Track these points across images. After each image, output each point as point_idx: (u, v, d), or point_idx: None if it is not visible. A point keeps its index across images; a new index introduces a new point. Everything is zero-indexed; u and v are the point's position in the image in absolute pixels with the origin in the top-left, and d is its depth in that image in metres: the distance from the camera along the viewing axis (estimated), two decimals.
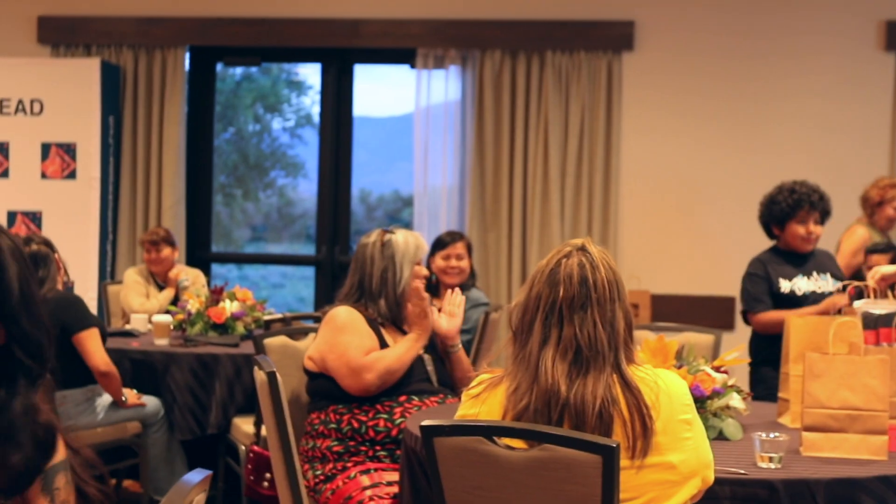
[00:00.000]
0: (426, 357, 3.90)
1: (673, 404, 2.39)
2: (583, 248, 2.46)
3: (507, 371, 2.45)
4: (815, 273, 5.18)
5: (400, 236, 3.89)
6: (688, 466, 2.39)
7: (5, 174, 7.45)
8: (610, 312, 2.40)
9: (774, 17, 7.23)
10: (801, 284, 5.14)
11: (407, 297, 3.87)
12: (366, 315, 3.83)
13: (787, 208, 5.14)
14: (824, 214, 5.18)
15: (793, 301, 5.07)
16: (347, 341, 3.73)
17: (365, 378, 3.68)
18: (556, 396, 2.35)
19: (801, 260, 5.20)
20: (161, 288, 6.49)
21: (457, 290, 4.06)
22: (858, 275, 5.09)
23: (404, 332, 3.91)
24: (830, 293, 4.95)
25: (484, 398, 2.45)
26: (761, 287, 5.17)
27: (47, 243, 4.93)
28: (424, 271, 3.96)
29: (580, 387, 2.35)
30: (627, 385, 2.37)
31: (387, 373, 3.71)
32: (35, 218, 7.44)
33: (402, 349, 3.78)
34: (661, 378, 2.41)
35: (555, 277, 2.41)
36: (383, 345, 3.79)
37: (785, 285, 5.14)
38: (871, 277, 3.88)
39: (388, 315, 3.85)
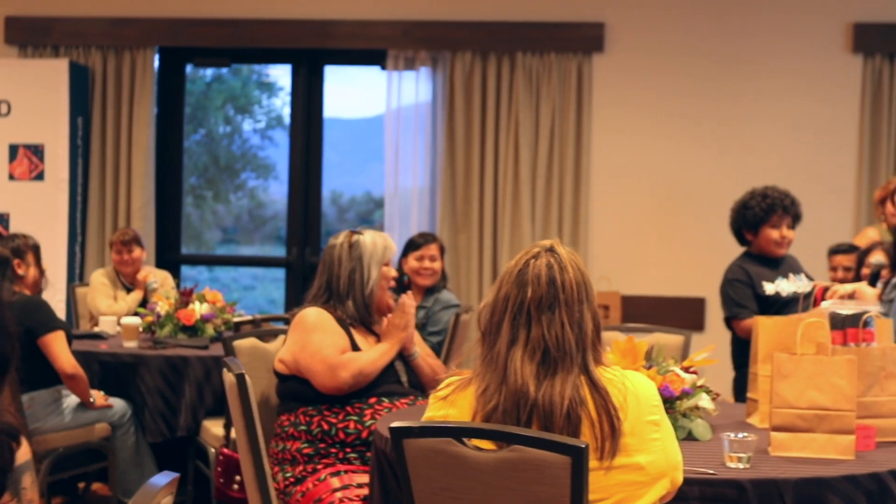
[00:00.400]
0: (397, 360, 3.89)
1: (641, 406, 2.39)
2: (551, 249, 2.46)
3: (476, 372, 2.45)
4: (791, 275, 5.25)
5: (368, 237, 3.89)
6: (656, 467, 2.39)
7: None
8: (578, 313, 2.41)
9: (744, 19, 7.27)
10: (783, 286, 5.20)
11: (375, 298, 3.87)
12: (335, 316, 3.82)
13: (761, 213, 5.20)
14: (796, 219, 5.25)
15: (778, 303, 5.11)
16: (320, 340, 3.72)
17: (340, 375, 3.67)
18: (524, 397, 2.35)
19: (776, 264, 5.26)
20: (129, 290, 6.45)
21: (407, 299, 3.95)
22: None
23: (374, 333, 3.91)
24: (810, 292, 4.97)
25: (452, 400, 2.45)
26: (745, 292, 5.21)
27: (15, 249, 4.90)
28: (393, 272, 3.96)
29: (548, 388, 2.35)
30: (595, 386, 2.37)
31: (360, 373, 3.70)
32: (3, 219, 7.38)
33: (377, 354, 3.78)
34: (628, 379, 2.42)
35: (523, 278, 2.41)
36: (354, 345, 3.78)
37: (769, 287, 5.19)
38: (829, 297, 3.91)
39: (357, 316, 3.85)
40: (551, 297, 2.40)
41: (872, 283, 4.19)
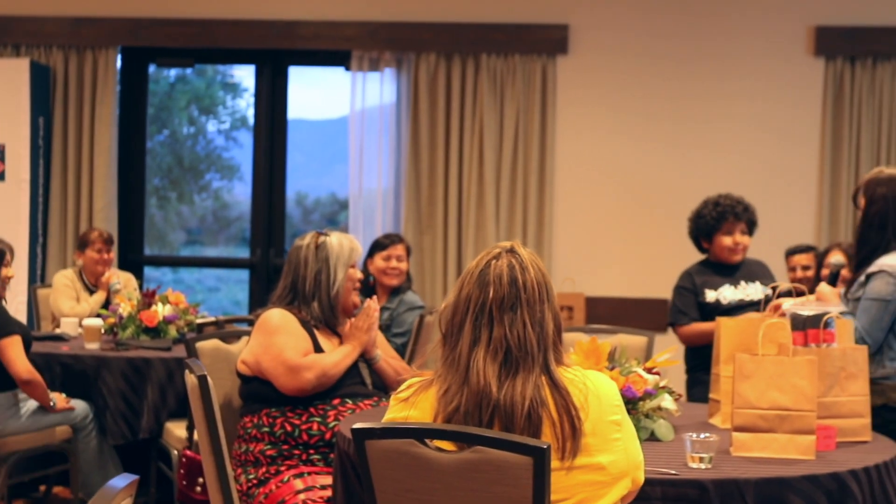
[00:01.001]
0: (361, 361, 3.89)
1: (602, 405, 2.40)
2: (512, 251, 2.47)
3: (438, 374, 2.44)
4: (742, 282, 5.33)
5: (334, 239, 3.88)
6: (617, 467, 2.40)
7: None
8: (539, 313, 2.41)
9: (707, 22, 7.31)
10: (726, 294, 5.28)
11: (341, 300, 3.87)
12: (299, 317, 3.81)
13: (713, 221, 5.30)
14: (750, 225, 5.34)
15: (718, 311, 5.15)
16: (283, 342, 3.71)
17: (303, 377, 3.66)
18: (486, 398, 2.35)
19: (731, 270, 5.35)
20: (92, 291, 6.41)
21: (372, 303, 3.94)
22: None
23: (338, 335, 3.90)
24: (759, 300, 5.04)
25: (413, 401, 2.45)
26: (688, 300, 5.35)
27: None
28: (359, 274, 3.96)
29: (510, 388, 2.35)
30: (556, 386, 2.37)
31: (323, 375, 3.70)
32: None
33: (339, 356, 3.78)
34: (589, 379, 2.42)
35: (484, 278, 2.41)
36: (317, 347, 3.78)
37: (710, 295, 5.29)
38: (770, 309, 3.95)
39: (322, 317, 3.84)
40: (513, 297, 2.40)
41: (832, 283, 4.21)
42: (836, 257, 4.32)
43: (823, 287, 4.19)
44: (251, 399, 3.78)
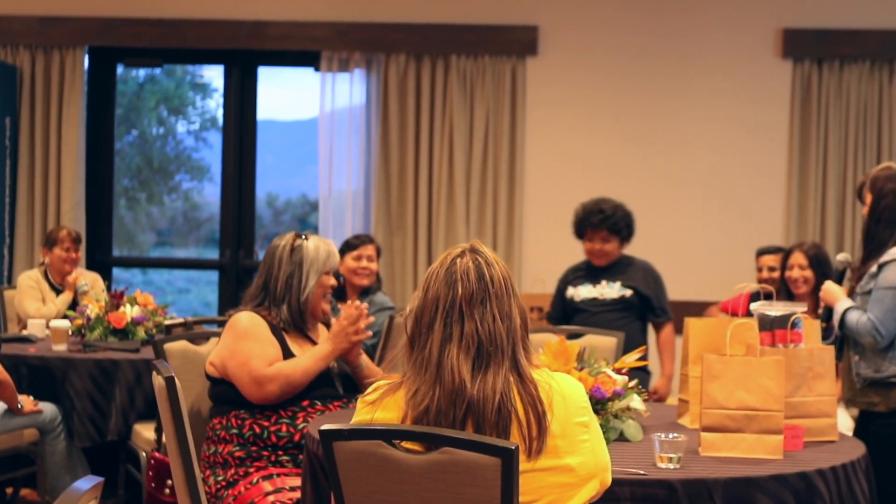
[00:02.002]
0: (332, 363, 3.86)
1: (568, 407, 2.40)
2: (473, 249, 2.49)
3: (406, 376, 2.44)
4: (603, 281, 5.66)
5: (311, 243, 3.83)
6: (586, 469, 2.40)
7: None
8: (507, 307, 2.43)
9: (676, 21, 7.34)
10: (581, 291, 5.68)
11: (310, 306, 3.82)
12: (268, 320, 3.79)
13: (576, 227, 5.72)
14: (614, 233, 5.62)
15: (573, 307, 5.66)
16: (249, 349, 3.68)
17: (266, 388, 3.64)
18: (461, 394, 2.35)
19: (599, 270, 5.71)
20: (58, 292, 6.37)
21: (364, 309, 3.87)
22: None
23: (308, 338, 3.88)
24: (613, 299, 5.58)
25: (381, 404, 2.44)
26: (556, 297, 5.83)
27: None
28: (332, 281, 3.91)
29: (482, 383, 2.36)
30: (523, 381, 2.38)
31: (288, 384, 3.66)
32: None
33: (310, 360, 3.72)
34: (555, 381, 2.43)
35: (452, 276, 2.42)
36: (286, 352, 3.75)
37: (570, 291, 5.72)
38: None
39: (290, 321, 3.81)
40: (482, 291, 2.41)
41: (839, 282, 4.24)
42: (843, 255, 4.30)
43: (830, 286, 4.21)
44: (220, 401, 3.76)
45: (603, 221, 5.56)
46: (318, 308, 3.85)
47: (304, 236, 3.86)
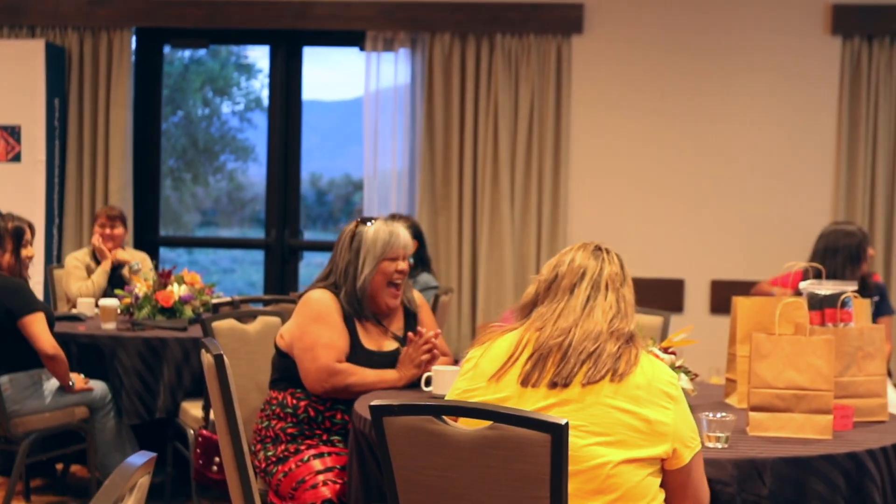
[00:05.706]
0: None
1: (656, 372, 2.55)
2: (598, 247, 2.73)
3: (530, 320, 2.62)
4: None
5: (371, 229, 3.76)
6: (662, 427, 2.48)
7: None
8: (630, 297, 2.70)
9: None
10: None
11: (368, 294, 3.74)
12: (341, 306, 3.72)
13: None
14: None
15: None
16: (318, 334, 3.64)
17: (324, 381, 3.61)
18: (595, 337, 2.54)
19: None
20: None
21: (430, 335, 3.75)
22: None
23: (382, 326, 3.82)
24: None
25: (492, 344, 2.62)
26: None
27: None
28: (398, 266, 3.78)
29: (611, 338, 2.56)
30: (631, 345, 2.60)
31: (345, 390, 3.62)
32: None
33: (374, 379, 3.66)
34: (647, 358, 2.59)
35: (598, 254, 2.69)
36: (354, 341, 3.71)
37: None
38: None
39: (350, 309, 3.74)
40: (622, 276, 2.70)
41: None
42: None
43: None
44: (281, 374, 3.75)
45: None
46: (379, 296, 3.77)
47: (367, 221, 3.80)
